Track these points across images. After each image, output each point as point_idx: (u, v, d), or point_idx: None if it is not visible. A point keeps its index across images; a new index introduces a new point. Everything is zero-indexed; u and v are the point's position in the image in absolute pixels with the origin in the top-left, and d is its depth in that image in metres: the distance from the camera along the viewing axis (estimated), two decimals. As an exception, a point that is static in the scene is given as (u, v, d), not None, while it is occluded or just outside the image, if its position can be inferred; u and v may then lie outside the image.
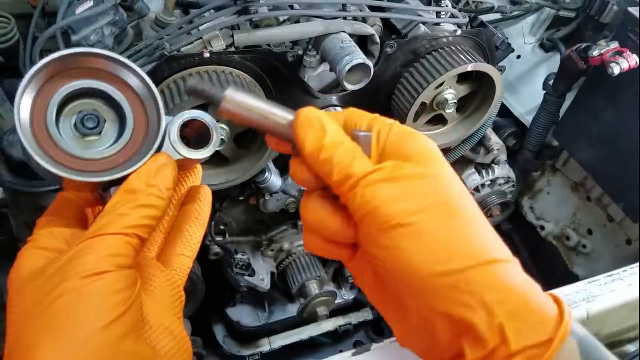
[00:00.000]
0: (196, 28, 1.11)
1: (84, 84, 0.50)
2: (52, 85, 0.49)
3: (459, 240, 0.43)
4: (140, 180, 0.49)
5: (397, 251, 0.43)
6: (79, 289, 0.44)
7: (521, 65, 1.75)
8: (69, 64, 0.49)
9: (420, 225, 0.43)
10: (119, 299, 0.44)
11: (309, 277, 1.53)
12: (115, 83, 0.50)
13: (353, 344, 1.82)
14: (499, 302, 0.41)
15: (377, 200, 0.44)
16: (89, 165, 0.50)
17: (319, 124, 0.47)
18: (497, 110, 1.40)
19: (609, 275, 0.75)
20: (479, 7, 1.51)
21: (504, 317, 0.41)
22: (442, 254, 0.42)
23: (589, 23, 1.56)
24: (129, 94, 0.51)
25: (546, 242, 1.89)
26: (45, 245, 0.50)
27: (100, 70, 0.50)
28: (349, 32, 1.15)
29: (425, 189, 0.44)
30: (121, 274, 0.46)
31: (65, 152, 0.49)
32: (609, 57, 1.33)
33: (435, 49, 1.24)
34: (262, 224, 1.54)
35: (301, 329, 1.73)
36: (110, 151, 0.51)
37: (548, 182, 1.87)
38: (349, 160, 0.46)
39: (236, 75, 1.11)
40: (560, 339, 0.41)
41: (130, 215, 0.47)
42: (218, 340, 1.67)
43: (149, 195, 0.48)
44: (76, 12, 1.17)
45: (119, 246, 0.46)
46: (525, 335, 0.41)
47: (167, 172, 0.50)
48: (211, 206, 0.59)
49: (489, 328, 0.41)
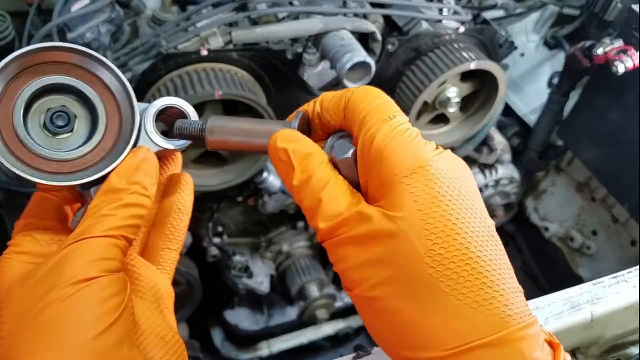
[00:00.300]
0: (193, 25, 1.09)
1: (48, 81, 0.47)
2: (17, 85, 0.46)
3: (428, 323, 0.37)
4: (121, 178, 0.47)
5: (366, 321, 0.42)
6: (67, 297, 0.41)
7: (525, 64, 1.73)
8: (32, 60, 0.46)
9: (383, 302, 0.39)
10: (110, 305, 0.42)
11: (308, 280, 1.52)
12: (83, 77, 0.48)
13: (353, 348, 1.80)
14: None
15: (342, 263, 0.41)
16: (63, 166, 0.47)
17: (286, 156, 0.44)
18: (501, 109, 1.38)
19: (613, 277, 0.74)
20: (482, 4, 1.50)
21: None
22: (407, 338, 0.38)
23: (593, 21, 1.54)
24: (98, 87, 0.48)
25: (550, 243, 1.87)
26: (28, 249, 0.48)
27: (68, 64, 0.47)
28: (350, 29, 1.13)
29: (389, 255, 0.39)
30: (111, 278, 0.43)
31: (35, 154, 0.47)
32: (613, 56, 1.32)
33: (438, 47, 1.22)
34: (260, 225, 1.53)
35: (301, 333, 1.71)
36: (84, 150, 0.48)
37: (552, 182, 1.85)
38: (316, 207, 0.42)
39: (234, 73, 1.10)
40: None
41: (115, 216, 0.45)
42: (216, 344, 1.66)
43: (133, 194, 0.46)
44: (72, 9, 1.16)
45: (105, 249, 0.44)
46: None
47: (148, 167, 0.48)
48: (193, 195, 0.57)
49: None
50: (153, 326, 0.47)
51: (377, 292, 0.39)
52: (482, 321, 0.37)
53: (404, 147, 0.41)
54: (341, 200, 0.42)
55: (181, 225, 0.55)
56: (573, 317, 0.68)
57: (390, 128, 0.42)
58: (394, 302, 0.38)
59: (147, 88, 1.08)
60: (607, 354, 0.77)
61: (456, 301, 0.37)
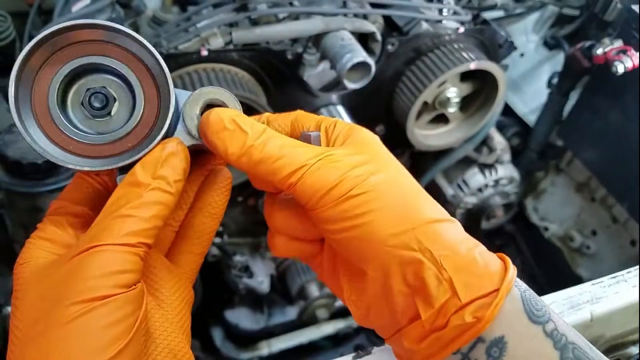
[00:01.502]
0: (194, 26, 1.09)
1: (77, 63, 0.44)
2: (50, 68, 0.44)
3: (407, 204, 0.45)
4: (146, 170, 0.43)
5: (354, 220, 0.44)
6: (74, 318, 0.37)
7: (525, 64, 1.73)
8: (61, 42, 0.43)
9: (373, 193, 0.44)
10: (121, 329, 0.38)
11: (308, 279, 1.52)
12: (121, 57, 0.45)
13: (354, 348, 1.80)
14: (447, 257, 0.43)
15: (331, 179, 0.44)
16: (93, 150, 0.45)
17: (234, 125, 0.45)
18: (500, 109, 1.38)
19: (613, 277, 0.74)
20: (482, 4, 1.50)
21: (452, 271, 0.43)
22: (394, 217, 0.44)
23: (592, 21, 1.55)
24: (137, 67, 0.45)
25: (550, 243, 1.87)
26: (53, 237, 0.45)
27: (105, 42, 0.44)
28: (350, 29, 1.13)
29: (373, 167, 0.46)
30: (127, 296, 0.39)
31: (68, 137, 0.44)
32: (612, 56, 1.32)
33: (438, 47, 1.22)
34: (261, 225, 1.53)
35: (301, 332, 1.71)
36: (117, 134, 0.45)
37: (552, 182, 1.85)
38: (290, 152, 0.45)
39: (234, 74, 1.10)
40: (506, 288, 0.43)
41: (133, 218, 0.41)
42: (216, 343, 1.65)
43: (154, 190, 0.42)
44: (72, 10, 1.16)
45: (122, 261, 0.40)
46: (473, 288, 0.43)
47: (176, 162, 0.44)
48: (229, 195, 0.53)
49: (438, 283, 0.43)
50: (168, 340, 0.45)
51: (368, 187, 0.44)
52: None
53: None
54: (314, 147, 0.47)
55: (209, 229, 0.52)
56: (573, 317, 0.68)
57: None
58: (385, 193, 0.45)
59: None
60: (607, 354, 0.77)
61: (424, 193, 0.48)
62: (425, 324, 0.44)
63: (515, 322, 0.43)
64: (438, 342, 0.43)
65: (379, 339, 0.52)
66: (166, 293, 0.47)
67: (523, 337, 0.43)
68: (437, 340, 0.43)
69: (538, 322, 0.43)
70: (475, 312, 0.42)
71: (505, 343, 0.42)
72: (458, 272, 0.43)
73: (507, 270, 0.44)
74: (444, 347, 0.43)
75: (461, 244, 0.45)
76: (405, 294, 0.45)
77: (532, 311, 0.44)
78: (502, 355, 0.42)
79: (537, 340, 0.43)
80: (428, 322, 0.44)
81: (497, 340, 0.42)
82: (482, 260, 0.44)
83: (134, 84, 0.45)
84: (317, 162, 0.45)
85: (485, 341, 0.43)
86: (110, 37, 0.44)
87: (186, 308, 0.49)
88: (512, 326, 0.43)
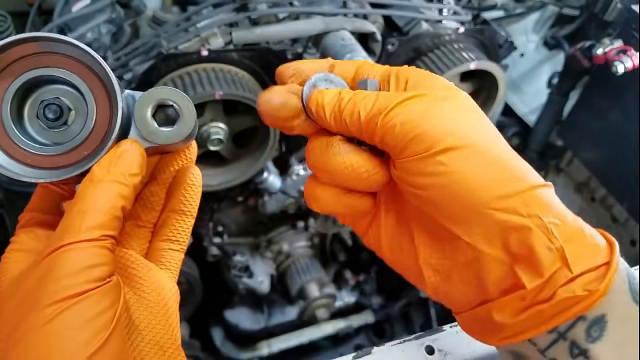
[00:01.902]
0: (194, 26, 1.09)
1: (27, 77, 0.44)
2: (5, 78, 0.44)
3: (511, 166, 0.41)
4: (101, 168, 0.43)
5: (450, 176, 0.40)
6: (50, 319, 0.37)
7: (524, 64, 1.73)
8: (8, 58, 0.44)
9: (475, 148, 0.41)
10: (101, 323, 0.38)
11: (308, 279, 1.52)
12: (70, 66, 0.45)
13: (354, 348, 1.81)
14: (557, 226, 0.40)
15: (423, 124, 0.41)
16: (51, 161, 0.45)
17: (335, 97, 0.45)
18: (500, 109, 1.38)
19: None
20: (482, 4, 1.50)
21: (563, 240, 0.39)
22: (499, 179, 0.40)
23: (592, 21, 1.55)
24: (86, 74, 0.45)
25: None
26: (28, 247, 0.45)
27: (53, 53, 0.45)
28: (350, 29, 1.13)
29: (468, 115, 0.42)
30: (102, 290, 0.39)
31: (24, 150, 0.44)
32: (612, 56, 1.32)
33: (438, 47, 1.22)
34: (261, 225, 1.53)
35: (301, 332, 1.71)
36: (74, 143, 0.45)
37: (552, 182, 1.84)
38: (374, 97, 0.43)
39: (234, 74, 1.10)
40: (617, 262, 0.40)
41: (92, 211, 0.41)
42: (216, 343, 1.66)
43: (110, 183, 0.42)
44: (72, 10, 1.16)
45: (90, 256, 0.39)
46: (584, 259, 0.39)
47: (130, 158, 0.44)
48: (201, 190, 0.53)
49: (549, 251, 0.39)
50: (154, 332, 0.45)
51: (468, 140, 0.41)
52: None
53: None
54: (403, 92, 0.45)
55: (184, 227, 0.51)
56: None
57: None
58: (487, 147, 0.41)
59: (147, 88, 1.08)
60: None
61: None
62: (528, 295, 0.40)
63: (619, 301, 0.40)
64: (539, 316, 0.40)
65: (379, 339, 0.51)
66: (148, 290, 0.46)
67: (625, 317, 0.40)
68: (539, 314, 0.40)
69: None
70: (587, 284, 0.39)
71: (606, 322, 0.39)
72: (569, 242, 0.40)
73: (613, 245, 0.41)
74: (544, 323, 0.40)
75: (568, 212, 0.41)
76: (503, 263, 0.41)
77: (636, 290, 0.40)
78: (602, 336, 0.39)
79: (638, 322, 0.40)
80: (532, 294, 0.40)
81: (598, 319, 0.39)
82: (589, 230, 0.41)
83: (84, 92, 0.45)
84: (408, 99, 0.42)
85: (587, 319, 0.39)
86: (56, 48, 0.44)
87: (171, 303, 0.48)
88: (615, 305, 0.39)
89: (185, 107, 0.46)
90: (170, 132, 0.46)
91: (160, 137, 0.46)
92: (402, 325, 1.87)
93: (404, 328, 1.85)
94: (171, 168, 0.52)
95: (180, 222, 0.51)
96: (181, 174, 0.52)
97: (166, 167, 0.52)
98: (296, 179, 1.32)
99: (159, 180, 0.52)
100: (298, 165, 1.36)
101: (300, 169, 1.35)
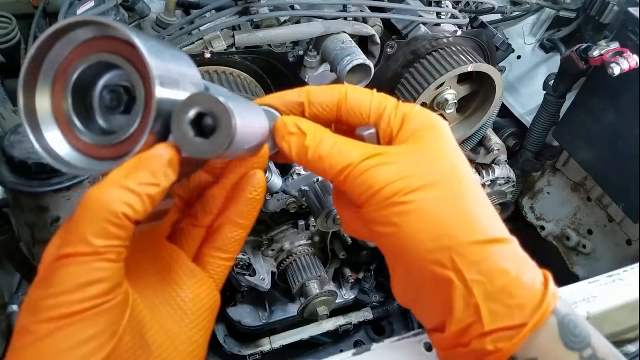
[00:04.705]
0: (197, 28, 1.11)
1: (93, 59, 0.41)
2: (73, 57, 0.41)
3: (452, 219, 0.44)
4: (119, 171, 0.39)
5: (393, 227, 0.44)
6: (44, 336, 0.35)
7: (521, 66, 1.74)
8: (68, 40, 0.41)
9: (416, 204, 0.44)
10: (92, 346, 0.36)
11: (309, 277, 1.53)
12: (131, 55, 0.40)
13: (353, 344, 1.82)
14: (479, 283, 0.43)
15: (378, 183, 0.44)
16: (92, 150, 0.42)
17: (296, 129, 0.47)
18: (497, 110, 1.40)
19: (609, 276, 0.75)
20: (479, 7, 1.51)
21: (481, 297, 0.43)
22: (433, 231, 0.43)
23: (589, 23, 1.56)
24: (142, 66, 0.40)
25: (546, 242, 1.89)
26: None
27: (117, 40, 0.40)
28: (350, 32, 1.15)
29: (421, 168, 0.45)
30: (99, 311, 0.36)
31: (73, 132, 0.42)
32: (609, 58, 1.33)
33: (436, 50, 1.24)
34: (262, 223, 1.54)
35: (302, 329, 1.73)
36: (119, 137, 0.41)
37: (548, 182, 1.86)
38: (339, 151, 0.46)
39: (237, 76, 1.12)
40: (534, 324, 0.42)
41: (97, 219, 0.36)
42: (219, 339, 1.67)
43: (120, 190, 0.37)
44: (77, 12, 1.17)
45: (89, 271, 0.36)
46: (499, 317, 0.42)
47: (155, 165, 0.39)
48: (262, 202, 0.50)
49: (466, 306, 0.43)
50: (166, 354, 0.42)
51: (411, 196, 0.44)
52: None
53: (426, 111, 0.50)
54: (366, 145, 0.47)
55: (237, 238, 0.49)
56: (568, 316, 0.69)
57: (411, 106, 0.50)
58: (428, 203, 0.44)
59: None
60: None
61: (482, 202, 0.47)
62: (448, 337, 0.45)
63: (549, 348, 0.43)
64: (462, 356, 0.44)
65: (378, 336, 0.53)
66: (183, 294, 0.45)
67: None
68: (461, 355, 0.44)
69: (574, 349, 0.43)
70: (497, 341, 0.42)
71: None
72: (487, 300, 0.43)
73: (542, 302, 0.43)
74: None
75: (501, 270, 0.43)
76: (436, 305, 0.46)
77: (569, 337, 0.43)
78: None
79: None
80: (451, 338, 0.44)
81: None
82: (518, 289, 0.43)
83: (134, 82, 0.41)
84: (362, 162, 0.45)
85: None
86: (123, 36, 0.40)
87: (208, 312, 0.47)
88: (546, 351, 0.43)
89: (225, 121, 0.41)
90: (203, 144, 0.41)
91: (194, 149, 0.41)
92: (401, 322, 1.89)
93: (403, 325, 1.88)
94: (235, 174, 0.49)
95: (233, 233, 0.49)
96: (244, 184, 0.49)
97: (230, 172, 0.49)
98: (297, 178, 1.33)
99: (222, 184, 0.49)
100: (299, 165, 1.37)
101: (300, 168, 1.37)
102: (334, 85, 0.50)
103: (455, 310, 0.43)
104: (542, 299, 0.44)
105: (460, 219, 0.44)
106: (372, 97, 0.49)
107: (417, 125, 0.47)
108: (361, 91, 0.50)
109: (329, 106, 0.49)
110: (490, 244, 0.44)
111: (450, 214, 0.44)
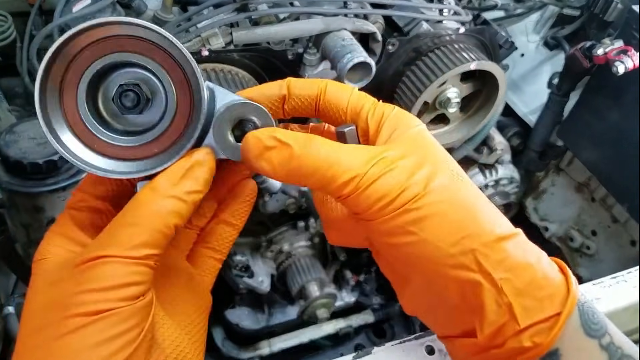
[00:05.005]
0: (195, 26, 1.09)
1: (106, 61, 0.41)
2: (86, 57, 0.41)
3: (468, 218, 0.43)
4: (167, 179, 0.40)
5: (411, 237, 0.42)
6: (73, 331, 0.36)
7: (525, 64, 1.73)
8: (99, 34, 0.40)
9: (433, 206, 0.42)
10: (122, 342, 0.37)
11: (309, 279, 1.52)
12: (154, 54, 0.41)
13: (354, 347, 1.81)
14: (507, 281, 0.42)
15: (389, 190, 0.42)
16: (119, 153, 0.42)
17: (275, 142, 0.42)
18: (501, 109, 1.39)
19: (613, 277, 0.75)
20: (482, 4, 1.50)
21: (512, 295, 0.42)
22: (453, 235, 0.42)
23: (593, 21, 1.55)
24: (171, 65, 0.41)
25: (550, 243, 1.87)
26: (71, 234, 0.43)
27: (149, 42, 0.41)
28: (350, 29, 1.13)
29: (429, 171, 0.43)
30: (131, 309, 0.38)
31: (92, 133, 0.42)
32: (613, 56, 1.32)
33: (438, 47, 1.22)
34: (261, 225, 1.53)
35: (301, 332, 1.71)
36: (147, 137, 0.42)
37: (552, 182, 1.85)
38: (337, 160, 0.41)
39: (235, 74, 1.10)
40: (567, 312, 0.42)
41: (144, 227, 0.39)
42: (217, 342, 1.66)
43: (171, 199, 0.40)
44: (73, 10, 1.16)
45: (128, 274, 0.38)
46: (533, 312, 0.42)
47: (200, 172, 0.41)
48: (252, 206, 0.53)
49: (498, 306, 0.42)
50: (178, 350, 0.43)
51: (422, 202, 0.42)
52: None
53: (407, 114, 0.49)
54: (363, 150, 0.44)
55: (229, 238, 0.52)
56: (572, 317, 0.68)
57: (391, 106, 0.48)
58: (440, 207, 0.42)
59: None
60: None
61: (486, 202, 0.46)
62: (480, 342, 0.43)
63: (571, 336, 0.42)
64: (494, 358, 0.43)
65: (379, 339, 0.52)
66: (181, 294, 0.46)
67: (578, 351, 0.42)
68: (494, 356, 0.43)
69: (594, 336, 0.43)
70: (534, 336, 0.41)
71: (560, 356, 0.42)
72: (518, 296, 0.42)
73: (569, 290, 0.43)
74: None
75: (523, 263, 0.43)
76: (462, 310, 0.44)
77: (589, 325, 0.43)
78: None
79: (592, 354, 0.42)
80: (484, 341, 0.43)
81: (551, 353, 0.42)
82: (544, 280, 0.43)
83: (165, 85, 0.42)
84: (370, 169, 0.42)
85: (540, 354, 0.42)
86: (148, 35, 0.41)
87: (199, 312, 0.48)
88: (568, 340, 0.42)
89: (265, 122, 0.43)
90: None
91: (236, 154, 0.43)
92: (402, 325, 1.87)
93: (405, 328, 1.86)
94: (229, 180, 0.52)
95: (227, 234, 0.52)
96: (240, 189, 0.52)
97: (229, 177, 0.52)
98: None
99: (215, 191, 0.51)
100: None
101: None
102: (315, 79, 0.49)
103: (487, 312, 0.42)
104: (568, 286, 0.43)
105: (474, 218, 0.43)
106: (351, 93, 0.48)
107: (398, 125, 0.46)
108: (341, 87, 0.48)
109: (308, 100, 0.48)
110: (507, 240, 0.43)
111: (464, 214, 0.43)
